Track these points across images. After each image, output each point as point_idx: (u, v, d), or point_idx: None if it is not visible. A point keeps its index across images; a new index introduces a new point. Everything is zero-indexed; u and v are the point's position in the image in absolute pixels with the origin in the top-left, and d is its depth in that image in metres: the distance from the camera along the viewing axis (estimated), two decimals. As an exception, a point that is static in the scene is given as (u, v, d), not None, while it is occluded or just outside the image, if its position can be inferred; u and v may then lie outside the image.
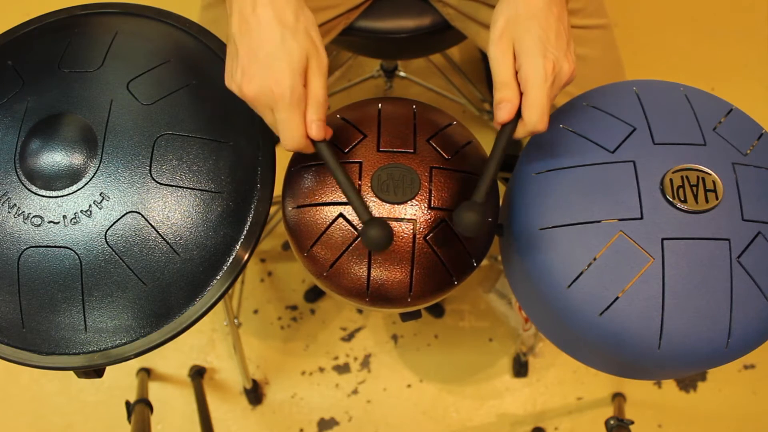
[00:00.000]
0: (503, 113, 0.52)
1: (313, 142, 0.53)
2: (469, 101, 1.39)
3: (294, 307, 1.35)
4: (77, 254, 0.55)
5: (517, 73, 0.52)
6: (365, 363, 1.31)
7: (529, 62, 0.51)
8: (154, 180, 0.56)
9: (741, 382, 1.31)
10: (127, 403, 0.99)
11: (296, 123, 0.51)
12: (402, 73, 1.40)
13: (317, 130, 0.52)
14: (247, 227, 0.59)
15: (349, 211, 0.59)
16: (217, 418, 1.26)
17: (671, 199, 0.53)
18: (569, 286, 0.55)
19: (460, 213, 0.51)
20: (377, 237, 0.51)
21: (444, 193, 0.59)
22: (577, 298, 0.54)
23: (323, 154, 0.54)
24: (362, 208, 0.53)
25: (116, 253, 0.56)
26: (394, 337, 1.33)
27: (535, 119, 0.51)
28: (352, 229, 0.58)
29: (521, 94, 0.52)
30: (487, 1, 0.80)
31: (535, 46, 0.51)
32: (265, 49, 0.51)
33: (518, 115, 0.52)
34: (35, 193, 0.56)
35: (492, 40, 0.53)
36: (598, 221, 0.55)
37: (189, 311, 0.58)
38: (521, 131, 0.53)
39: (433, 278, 0.59)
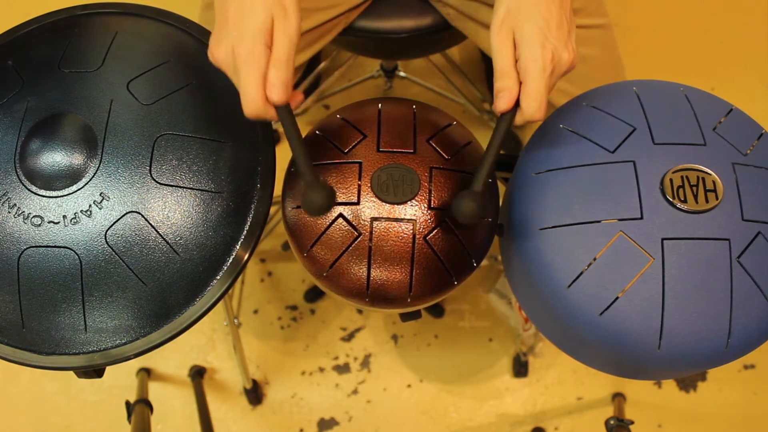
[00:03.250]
0: (502, 102, 0.52)
1: (276, 108, 0.51)
2: (469, 101, 1.39)
3: (294, 307, 1.35)
4: (77, 254, 0.55)
5: (517, 62, 0.52)
6: (365, 363, 1.31)
7: (528, 52, 0.51)
8: (154, 180, 0.56)
9: (741, 382, 1.31)
10: (127, 403, 0.99)
11: (253, 83, 0.49)
12: (402, 73, 1.40)
13: (278, 92, 0.49)
14: (247, 227, 0.59)
15: (349, 211, 0.59)
16: (217, 418, 1.27)
17: (671, 199, 0.53)
18: (569, 286, 0.55)
19: (458, 201, 0.51)
20: (314, 201, 0.50)
21: (444, 193, 0.59)
22: (577, 298, 0.54)
23: (282, 119, 0.51)
24: (308, 171, 0.51)
25: (116, 253, 0.56)
26: (394, 337, 1.33)
27: (532, 109, 0.51)
28: (352, 230, 0.58)
29: (521, 83, 0.52)
30: (487, 1, 0.80)
31: (535, 35, 0.51)
32: (231, 13, 0.51)
33: (517, 103, 0.52)
34: (35, 193, 0.56)
35: (493, 29, 0.53)
36: (598, 221, 0.55)
37: (189, 311, 0.58)
38: (519, 119, 0.53)
39: (433, 278, 0.59)
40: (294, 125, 0.52)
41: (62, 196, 0.56)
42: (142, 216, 0.56)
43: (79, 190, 0.56)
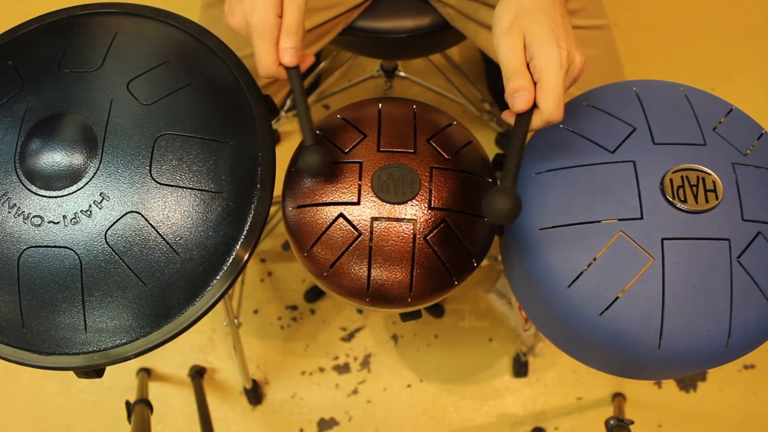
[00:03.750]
0: (521, 101, 0.50)
1: (286, 69, 0.56)
2: (469, 101, 1.39)
3: (294, 307, 1.35)
4: (77, 254, 0.55)
5: (529, 64, 0.51)
6: (365, 363, 1.31)
7: (543, 50, 0.50)
8: (154, 180, 0.56)
9: (741, 382, 1.31)
10: (127, 403, 0.99)
11: (266, 50, 0.54)
12: (402, 73, 1.40)
13: (289, 57, 0.54)
14: (247, 227, 0.59)
15: (349, 211, 0.59)
16: (217, 418, 1.27)
17: (671, 199, 0.53)
18: (569, 286, 0.55)
19: (492, 199, 0.47)
20: (311, 162, 0.54)
21: (444, 193, 0.59)
22: (577, 298, 0.54)
23: (291, 80, 0.56)
24: (309, 133, 0.55)
25: (116, 253, 0.56)
26: (394, 337, 1.33)
27: (552, 107, 0.50)
28: (353, 229, 0.58)
29: (535, 84, 0.51)
30: (487, 1, 0.80)
31: (549, 35, 0.51)
32: None
33: (534, 105, 0.51)
34: (35, 193, 0.56)
35: (500, 33, 0.52)
36: (598, 221, 0.55)
37: (189, 311, 0.58)
38: (537, 121, 0.51)
39: (433, 278, 0.59)
40: (301, 87, 0.56)
41: (62, 196, 0.56)
42: (142, 216, 0.56)
43: (79, 190, 0.56)
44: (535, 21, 0.51)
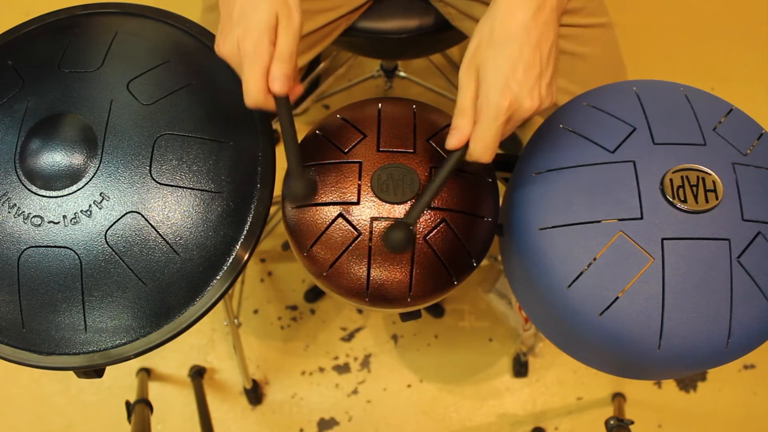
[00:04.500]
0: (452, 140, 0.52)
1: (275, 99, 0.54)
2: (469, 101, 1.38)
3: (294, 307, 1.35)
4: (77, 254, 0.55)
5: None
6: (365, 363, 1.31)
7: (485, 95, 0.50)
8: (154, 180, 0.56)
9: (741, 382, 1.31)
10: (127, 403, 0.99)
11: (255, 78, 0.52)
12: (402, 73, 1.40)
13: (280, 84, 0.52)
14: (247, 227, 0.59)
15: (349, 211, 0.59)
16: (217, 418, 1.26)
17: (671, 199, 0.53)
18: (569, 286, 0.55)
19: (389, 231, 0.53)
20: (294, 189, 0.55)
21: (444, 193, 0.59)
22: (577, 298, 0.54)
23: (280, 110, 0.54)
24: (294, 161, 0.55)
25: (116, 253, 0.56)
26: (394, 337, 1.33)
27: (478, 152, 0.51)
28: (352, 229, 0.58)
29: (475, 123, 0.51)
30: (487, 1, 0.80)
31: (496, 79, 0.49)
32: (237, 9, 0.53)
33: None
34: (35, 193, 0.56)
35: (462, 63, 0.53)
36: (598, 221, 0.55)
37: (189, 311, 0.58)
38: (468, 157, 0.52)
39: (433, 278, 0.59)
40: (290, 116, 0.54)
41: (62, 196, 0.56)
42: (142, 216, 0.56)
43: (79, 190, 0.56)
44: (492, 57, 0.50)
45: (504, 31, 0.50)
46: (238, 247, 0.59)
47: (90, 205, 0.56)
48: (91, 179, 0.56)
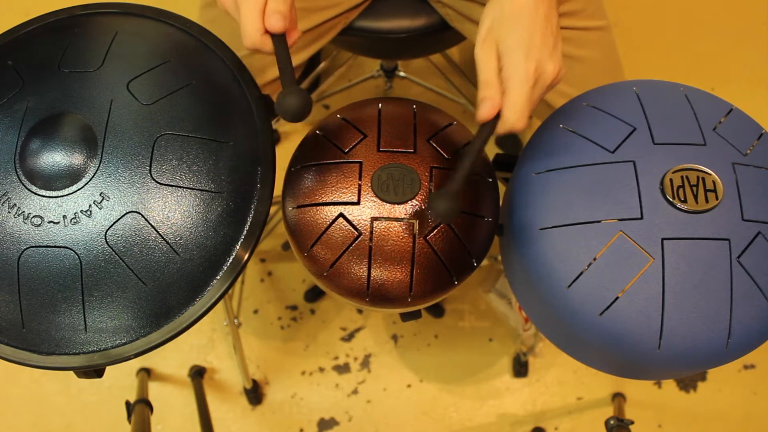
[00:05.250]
0: (484, 111, 0.52)
1: (273, 38, 0.54)
2: (469, 101, 1.39)
3: (294, 307, 1.35)
4: (77, 254, 0.55)
5: (500, 73, 0.52)
6: (365, 363, 1.31)
7: (510, 63, 0.51)
8: (154, 180, 0.56)
9: (741, 382, 1.31)
10: (127, 403, 0.99)
11: (251, 16, 0.52)
12: (402, 73, 1.40)
13: (276, 21, 0.53)
14: (247, 227, 0.59)
15: (349, 211, 0.59)
16: (217, 418, 1.26)
17: (671, 199, 0.53)
18: (569, 286, 0.55)
19: (435, 200, 0.52)
20: (291, 103, 0.52)
21: (444, 193, 0.59)
22: (577, 298, 0.54)
23: (277, 50, 0.54)
24: (288, 79, 0.53)
25: (116, 253, 0.56)
26: (394, 337, 1.33)
27: (513, 119, 0.51)
28: (353, 229, 0.58)
29: (504, 93, 0.52)
30: (483, 1, 0.80)
31: (518, 47, 0.51)
32: None
33: (499, 113, 0.52)
34: (35, 193, 0.56)
35: (477, 41, 0.53)
36: (598, 221, 0.55)
37: (189, 311, 0.58)
38: (500, 128, 0.53)
39: (433, 278, 0.59)
40: (286, 51, 0.54)
41: (62, 196, 0.56)
42: (142, 216, 0.56)
43: (79, 190, 0.56)
44: (509, 29, 0.51)
45: (515, 8, 0.52)
46: (238, 247, 0.59)
47: (90, 205, 0.56)
48: (91, 179, 0.56)
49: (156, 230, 0.56)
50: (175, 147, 0.58)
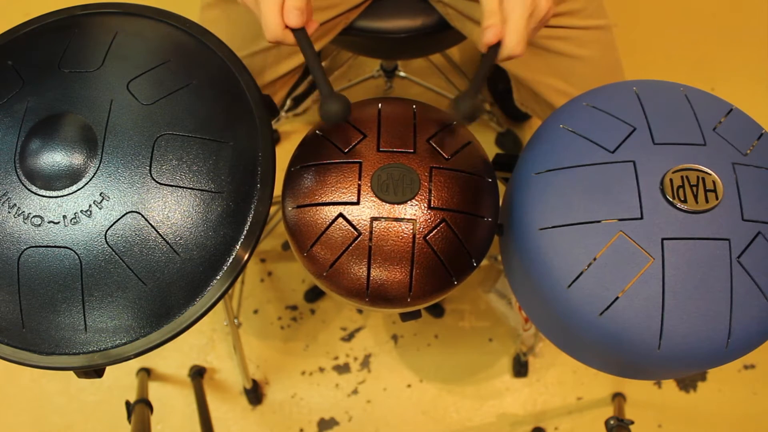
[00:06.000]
0: (489, 36, 0.56)
1: (293, 32, 0.57)
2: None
3: (294, 307, 1.35)
4: (77, 254, 0.55)
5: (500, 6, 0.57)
6: (365, 363, 1.31)
7: None
8: (154, 180, 0.56)
9: (741, 382, 1.31)
10: (127, 403, 0.99)
11: (271, 12, 0.55)
12: (402, 73, 1.40)
13: (294, 17, 0.56)
14: (247, 227, 0.59)
15: (348, 211, 0.59)
16: (217, 418, 1.27)
17: (671, 199, 0.53)
18: (569, 286, 0.55)
19: (458, 102, 0.56)
20: (332, 110, 0.55)
21: (444, 193, 0.59)
22: (577, 298, 0.54)
23: (300, 42, 0.57)
24: (324, 85, 0.56)
25: (116, 253, 0.56)
26: (394, 337, 1.33)
27: (513, 43, 0.56)
28: (352, 229, 0.58)
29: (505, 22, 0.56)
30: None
31: None
32: None
33: (500, 42, 0.57)
34: (35, 193, 0.56)
35: None
36: (598, 221, 0.55)
37: (189, 311, 0.58)
38: (502, 53, 0.57)
39: (433, 278, 0.59)
40: (311, 46, 0.57)
41: (62, 196, 0.56)
42: (142, 216, 0.56)
43: (79, 190, 0.56)
44: None
45: None
46: (238, 247, 0.59)
47: (90, 205, 0.56)
48: (91, 179, 0.56)
49: (156, 230, 0.56)
50: (175, 147, 0.58)
